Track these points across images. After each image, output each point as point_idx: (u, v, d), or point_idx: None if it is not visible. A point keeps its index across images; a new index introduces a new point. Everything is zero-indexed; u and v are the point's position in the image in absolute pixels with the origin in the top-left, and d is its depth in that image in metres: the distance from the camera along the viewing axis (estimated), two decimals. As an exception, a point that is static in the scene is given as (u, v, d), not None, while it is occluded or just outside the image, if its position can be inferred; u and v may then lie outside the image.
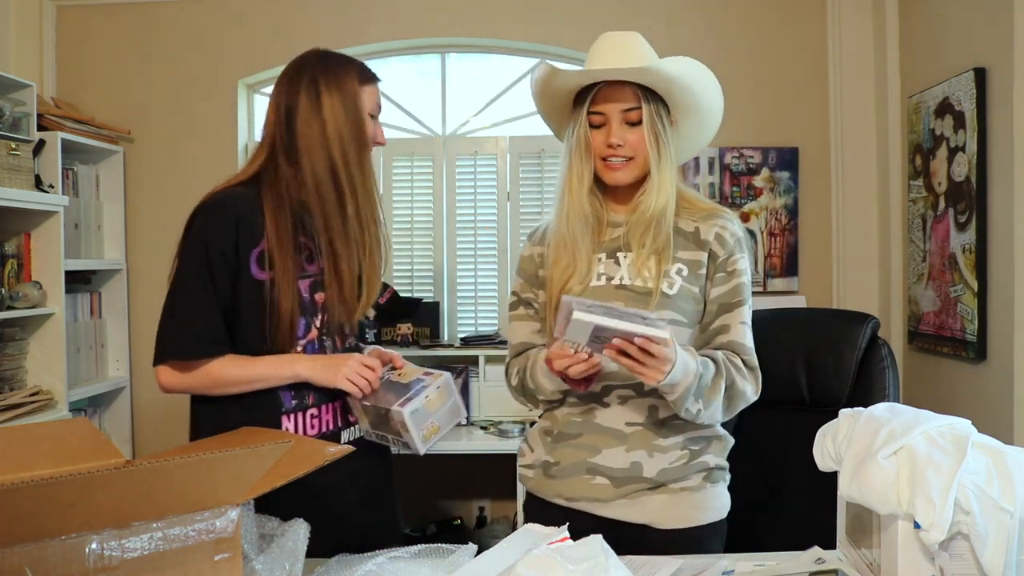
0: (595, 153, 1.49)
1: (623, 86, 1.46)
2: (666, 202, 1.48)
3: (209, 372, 1.50)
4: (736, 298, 1.50)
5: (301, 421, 1.53)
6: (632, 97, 1.46)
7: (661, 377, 1.32)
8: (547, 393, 1.52)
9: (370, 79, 1.58)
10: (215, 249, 1.51)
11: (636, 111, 1.46)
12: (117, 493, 0.88)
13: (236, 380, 1.50)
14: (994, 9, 2.39)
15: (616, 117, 1.46)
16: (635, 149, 1.47)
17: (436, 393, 1.47)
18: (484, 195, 3.44)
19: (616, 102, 1.46)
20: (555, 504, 1.53)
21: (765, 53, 3.21)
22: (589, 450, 1.49)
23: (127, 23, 3.31)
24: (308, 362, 1.50)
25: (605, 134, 1.47)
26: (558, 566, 0.97)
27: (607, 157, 1.48)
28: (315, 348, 1.55)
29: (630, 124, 1.47)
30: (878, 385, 1.81)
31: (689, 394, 1.39)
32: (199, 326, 1.49)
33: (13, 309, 2.61)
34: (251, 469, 1.01)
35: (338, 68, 1.56)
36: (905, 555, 1.09)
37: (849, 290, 3.20)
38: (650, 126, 1.46)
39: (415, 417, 1.44)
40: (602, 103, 1.47)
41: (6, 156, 2.59)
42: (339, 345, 1.59)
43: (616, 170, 1.48)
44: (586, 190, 1.50)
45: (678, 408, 1.42)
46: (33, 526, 0.83)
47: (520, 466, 1.63)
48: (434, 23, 3.29)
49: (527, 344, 1.60)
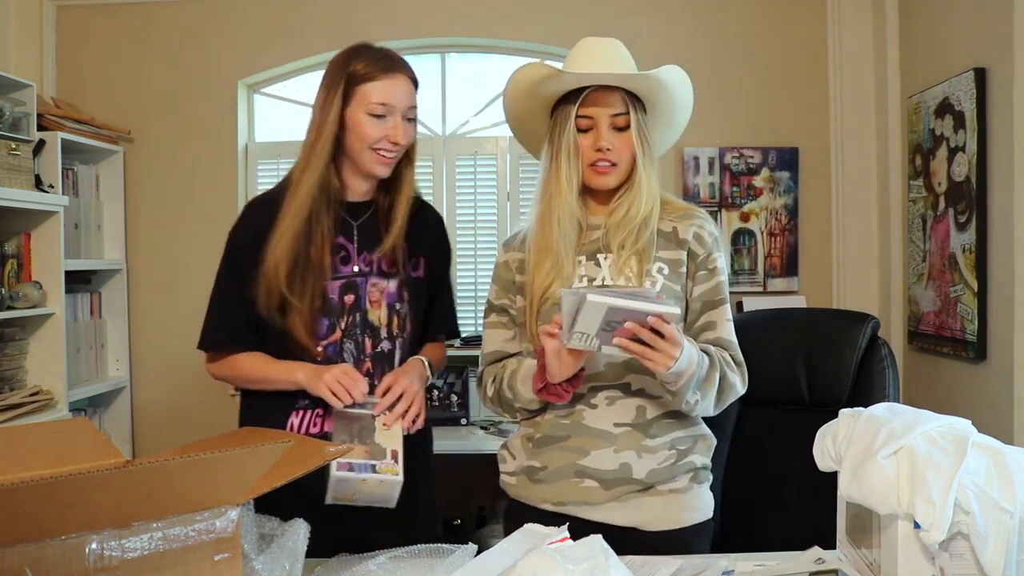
0: (583, 159, 1.49)
1: (612, 91, 1.47)
2: (652, 206, 1.50)
3: (234, 365, 1.61)
4: (719, 295, 1.52)
5: (307, 418, 1.59)
6: (620, 103, 1.47)
7: (671, 363, 1.31)
8: (524, 401, 1.51)
9: (373, 76, 1.54)
10: (238, 248, 1.60)
11: (624, 116, 1.47)
12: (117, 493, 0.89)
13: (253, 377, 1.60)
14: (994, 9, 2.39)
15: (604, 121, 1.47)
16: (621, 154, 1.48)
17: (375, 482, 1.43)
18: (484, 195, 3.44)
19: (605, 107, 1.47)
20: (542, 510, 1.50)
21: (765, 53, 3.21)
22: (577, 452, 1.48)
23: (127, 23, 3.31)
24: (305, 371, 1.54)
25: (593, 138, 1.47)
26: (558, 566, 0.97)
27: (596, 162, 1.48)
28: (336, 349, 1.58)
29: (616, 129, 1.48)
30: (878, 385, 1.81)
31: (692, 383, 1.39)
32: (220, 322, 1.60)
33: (13, 309, 2.61)
34: (251, 469, 1.01)
35: (337, 66, 1.57)
36: (905, 555, 1.09)
37: (849, 290, 3.20)
38: (637, 131, 1.48)
39: (336, 485, 1.41)
40: (591, 107, 1.47)
41: (6, 156, 2.59)
42: (369, 348, 1.60)
43: (604, 174, 1.49)
44: (575, 194, 1.50)
45: (679, 399, 1.42)
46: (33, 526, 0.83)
47: (503, 473, 1.60)
48: (434, 23, 3.29)
49: (501, 352, 1.59)
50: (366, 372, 1.59)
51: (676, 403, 1.44)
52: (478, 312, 3.45)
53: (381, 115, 1.54)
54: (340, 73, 1.55)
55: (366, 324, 1.60)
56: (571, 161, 1.48)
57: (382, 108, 1.54)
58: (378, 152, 1.55)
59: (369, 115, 1.54)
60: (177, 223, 3.30)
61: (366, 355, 1.60)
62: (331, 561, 1.30)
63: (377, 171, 1.58)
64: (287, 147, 3.45)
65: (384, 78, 1.54)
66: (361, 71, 1.54)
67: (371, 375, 1.59)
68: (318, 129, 1.56)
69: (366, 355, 1.60)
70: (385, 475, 1.43)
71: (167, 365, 3.29)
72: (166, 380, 3.30)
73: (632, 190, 1.50)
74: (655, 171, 1.51)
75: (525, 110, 1.56)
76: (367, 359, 1.60)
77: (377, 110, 1.54)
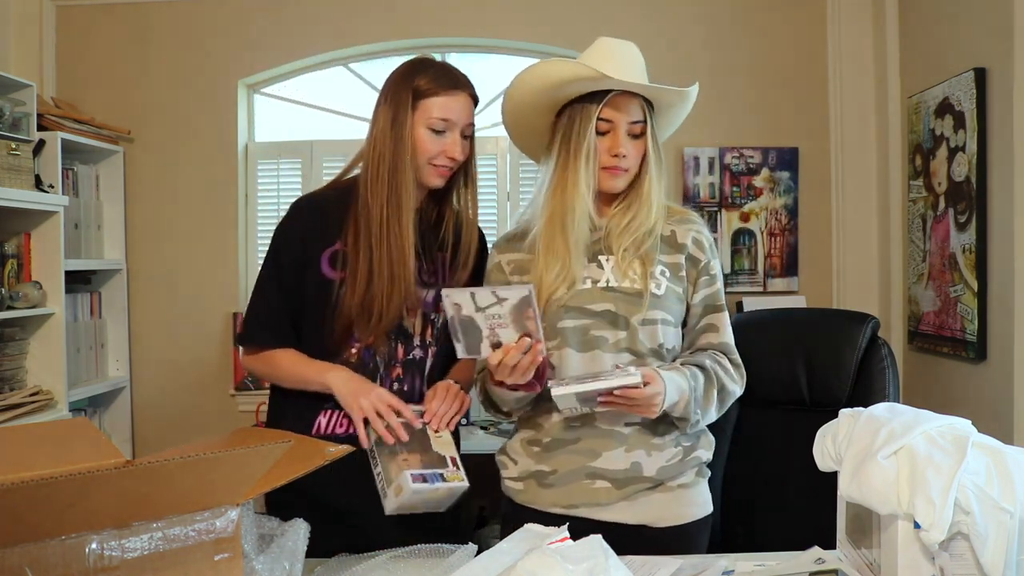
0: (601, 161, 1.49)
1: (633, 98, 1.48)
2: (658, 216, 1.52)
3: (269, 361, 1.62)
4: (719, 300, 1.56)
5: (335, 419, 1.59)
6: (639, 110, 1.49)
7: (655, 411, 1.39)
8: (509, 403, 1.51)
9: (436, 91, 1.56)
10: (284, 248, 1.61)
11: (640, 124, 1.49)
12: (117, 493, 0.89)
13: (288, 375, 1.60)
14: (994, 9, 2.39)
15: (623, 127, 1.48)
16: (633, 160, 1.50)
17: (445, 490, 1.44)
18: (484, 195, 3.41)
19: (625, 113, 1.48)
20: (550, 514, 1.50)
21: (765, 53, 3.21)
22: (588, 455, 1.49)
23: (127, 23, 3.31)
24: (341, 377, 1.54)
25: (610, 142, 1.48)
26: (558, 566, 0.97)
27: (610, 166, 1.49)
28: (370, 353, 1.58)
29: (633, 136, 1.49)
30: (878, 385, 1.81)
31: (688, 411, 1.44)
32: (262, 317, 1.61)
33: (13, 309, 2.61)
34: (251, 469, 1.01)
35: (401, 79, 1.58)
36: (905, 555, 1.09)
37: (849, 290, 3.20)
38: (652, 140, 1.50)
39: (409, 496, 1.41)
40: (612, 111, 1.48)
41: (6, 156, 2.59)
42: (401, 355, 1.60)
43: (616, 177, 1.50)
44: (592, 197, 1.50)
45: (683, 425, 1.48)
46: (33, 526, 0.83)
47: (505, 479, 1.59)
48: (434, 23, 3.29)
49: None
50: (396, 377, 1.60)
51: (682, 427, 1.49)
52: (478, 312, 3.44)
53: (441, 130, 1.56)
54: (406, 88, 1.56)
55: (400, 330, 1.60)
56: (590, 163, 1.48)
57: (442, 124, 1.55)
58: (436, 166, 1.57)
59: (429, 129, 1.55)
60: (177, 223, 3.30)
61: (397, 361, 1.60)
62: (331, 561, 1.30)
63: (434, 183, 1.59)
64: (287, 147, 3.45)
65: (445, 95, 1.56)
66: (424, 86, 1.55)
67: (401, 381, 1.60)
68: (394, 150, 1.55)
69: (397, 361, 1.60)
70: (453, 483, 1.45)
71: (167, 365, 3.29)
72: (166, 380, 3.30)
73: (640, 199, 1.51)
74: (663, 181, 1.54)
75: (538, 103, 1.55)
76: (398, 364, 1.60)
77: (438, 125, 1.55)
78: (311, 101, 3.54)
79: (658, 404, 1.37)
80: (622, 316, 1.47)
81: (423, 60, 1.63)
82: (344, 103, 3.53)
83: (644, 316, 1.46)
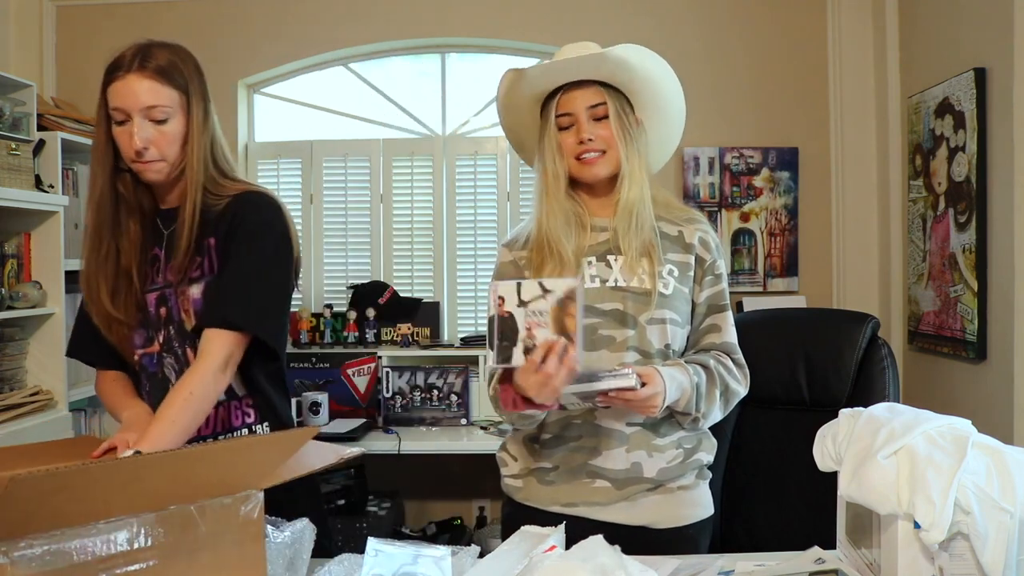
0: (567, 153, 1.50)
1: (587, 86, 1.48)
2: (640, 191, 1.50)
3: None
4: (723, 300, 1.55)
5: None
6: (596, 94, 1.49)
7: (655, 410, 1.38)
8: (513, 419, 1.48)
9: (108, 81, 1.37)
10: None
11: (602, 106, 1.49)
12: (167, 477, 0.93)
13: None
14: (994, 9, 2.39)
15: (583, 114, 1.48)
16: (606, 142, 1.49)
17: None
18: (484, 195, 3.44)
19: (582, 100, 1.48)
20: (550, 512, 1.49)
21: (765, 53, 3.21)
22: (589, 452, 1.49)
23: (127, 23, 3.31)
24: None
25: (575, 133, 1.49)
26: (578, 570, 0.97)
27: (581, 154, 1.49)
28: (153, 361, 1.53)
29: (597, 120, 1.49)
30: (878, 385, 1.81)
31: (691, 407, 1.44)
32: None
33: (13, 309, 2.61)
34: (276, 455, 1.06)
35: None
36: (905, 555, 1.09)
37: (849, 290, 3.20)
38: (616, 118, 1.49)
39: None
40: (568, 104, 1.49)
41: (6, 156, 2.59)
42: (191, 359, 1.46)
43: (591, 164, 1.49)
44: (563, 189, 1.51)
45: (686, 419, 1.48)
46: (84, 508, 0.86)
47: (505, 477, 1.59)
48: (434, 23, 3.30)
49: None
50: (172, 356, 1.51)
51: (684, 421, 1.49)
52: (479, 312, 3.45)
53: (120, 121, 1.39)
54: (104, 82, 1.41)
55: (184, 335, 1.48)
56: (556, 159, 1.50)
57: (119, 114, 1.38)
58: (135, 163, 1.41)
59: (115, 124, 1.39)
60: (177, 223, 3.30)
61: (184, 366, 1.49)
62: (332, 561, 1.30)
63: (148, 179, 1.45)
64: (287, 147, 3.45)
65: (114, 82, 1.37)
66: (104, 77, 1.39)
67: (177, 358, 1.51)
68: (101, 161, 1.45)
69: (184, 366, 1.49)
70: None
71: (167, 365, 3.29)
72: (166, 380, 3.29)
73: (623, 181, 1.51)
74: (639, 159, 1.51)
75: (514, 122, 1.59)
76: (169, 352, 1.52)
77: (117, 116, 1.38)
78: (311, 101, 3.54)
79: (658, 404, 1.37)
80: (630, 315, 1.47)
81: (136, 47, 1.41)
82: (344, 103, 3.54)
83: (652, 315, 1.46)
